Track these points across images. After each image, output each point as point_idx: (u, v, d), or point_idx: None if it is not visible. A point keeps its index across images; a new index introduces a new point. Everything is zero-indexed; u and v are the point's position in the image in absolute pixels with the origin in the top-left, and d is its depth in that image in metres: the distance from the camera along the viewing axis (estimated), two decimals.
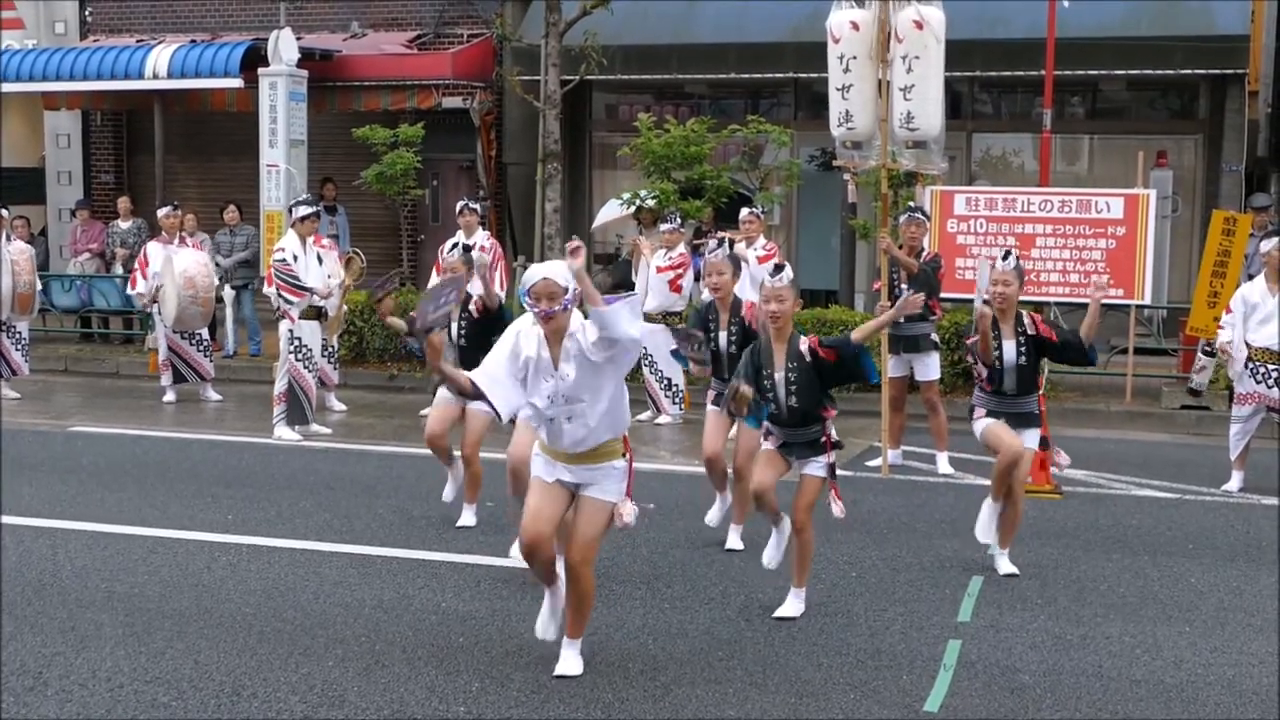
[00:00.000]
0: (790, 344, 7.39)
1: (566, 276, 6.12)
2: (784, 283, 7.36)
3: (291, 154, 18.05)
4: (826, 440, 7.44)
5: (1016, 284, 8.35)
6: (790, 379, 7.37)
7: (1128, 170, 15.67)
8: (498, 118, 19.90)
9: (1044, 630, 7.29)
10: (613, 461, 6.40)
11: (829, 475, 7.44)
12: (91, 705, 6.06)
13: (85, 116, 22.17)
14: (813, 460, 7.45)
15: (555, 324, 6.18)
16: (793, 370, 7.36)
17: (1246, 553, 9.01)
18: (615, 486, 6.42)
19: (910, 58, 10.88)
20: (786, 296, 7.35)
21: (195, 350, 14.89)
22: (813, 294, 18.48)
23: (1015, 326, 8.38)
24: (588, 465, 6.37)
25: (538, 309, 6.13)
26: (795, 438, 7.46)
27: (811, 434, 7.43)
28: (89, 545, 8.74)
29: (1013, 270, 8.36)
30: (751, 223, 13.29)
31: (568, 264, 6.15)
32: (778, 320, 7.38)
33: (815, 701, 6.23)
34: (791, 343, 7.39)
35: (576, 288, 6.12)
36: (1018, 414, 8.39)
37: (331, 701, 6.13)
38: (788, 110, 19.51)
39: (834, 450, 7.47)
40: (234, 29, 20.73)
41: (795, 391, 7.36)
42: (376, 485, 10.68)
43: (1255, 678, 6.65)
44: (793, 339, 7.40)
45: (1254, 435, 11.07)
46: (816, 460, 7.44)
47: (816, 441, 7.44)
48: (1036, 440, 8.47)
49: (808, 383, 7.35)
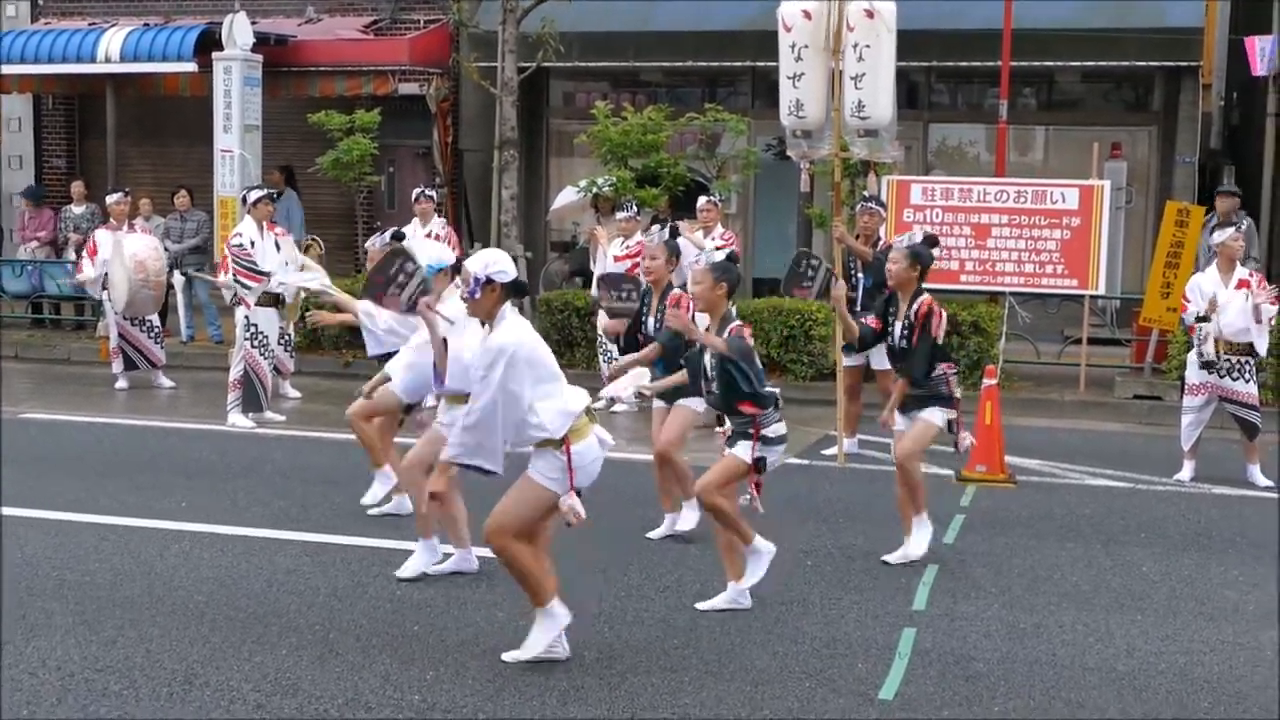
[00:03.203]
0: (720, 330, 7.35)
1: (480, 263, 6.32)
2: (701, 267, 7.51)
3: (246, 139, 17.92)
4: (755, 431, 7.28)
5: (904, 263, 8.40)
6: (710, 363, 7.40)
7: (1082, 161, 15.75)
8: (454, 104, 19.81)
9: (998, 618, 7.33)
10: (547, 449, 6.35)
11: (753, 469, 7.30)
12: (41, 694, 6.00)
13: (36, 100, 21.93)
14: (740, 442, 7.35)
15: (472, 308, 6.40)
16: (714, 356, 7.36)
17: (1198, 542, 9.08)
18: (549, 472, 6.34)
19: (861, 46, 10.93)
20: (701, 279, 7.39)
21: (146, 337, 14.77)
22: (769, 282, 18.52)
23: (907, 308, 8.42)
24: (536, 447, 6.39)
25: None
26: (732, 422, 7.44)
27: (739, 422, 7.35)
28: (39, 533, 8.65)
29: (903, 250, 8.47)
30: (709, 211, 13.30)
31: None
32: (696, 302, 7.53)
33: (771, 689, 6.24)
34: (721, 329, 7.35)
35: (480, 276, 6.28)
36: (911, 395, 8.42)
37: (285, 690, 6.10)
38: (745, 99, 19.51)
39: (762, 444, 7.28)
40: (188, 13, 20.54)
41: (715, 378, 7.37)
42: (331, 473, 10.62)
43: (1206, 666, 6.70)
44: (723, 324, 7.36)
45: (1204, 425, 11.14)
46: (743, 443, 7.33)
47: (745, 431, 7.33)
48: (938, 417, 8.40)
49: (722, 373, 7.32)
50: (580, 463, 6.35)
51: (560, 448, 6.31)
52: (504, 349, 6.21)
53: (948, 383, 8.37)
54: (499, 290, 6.32)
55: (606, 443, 6.56)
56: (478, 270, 6.30)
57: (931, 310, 8.32)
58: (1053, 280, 14.36)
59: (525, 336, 6.34)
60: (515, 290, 6.40)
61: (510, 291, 6.37)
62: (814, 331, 14.46)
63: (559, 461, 6.32)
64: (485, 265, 6.32)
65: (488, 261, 6.34)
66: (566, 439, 6.31)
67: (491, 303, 6.33)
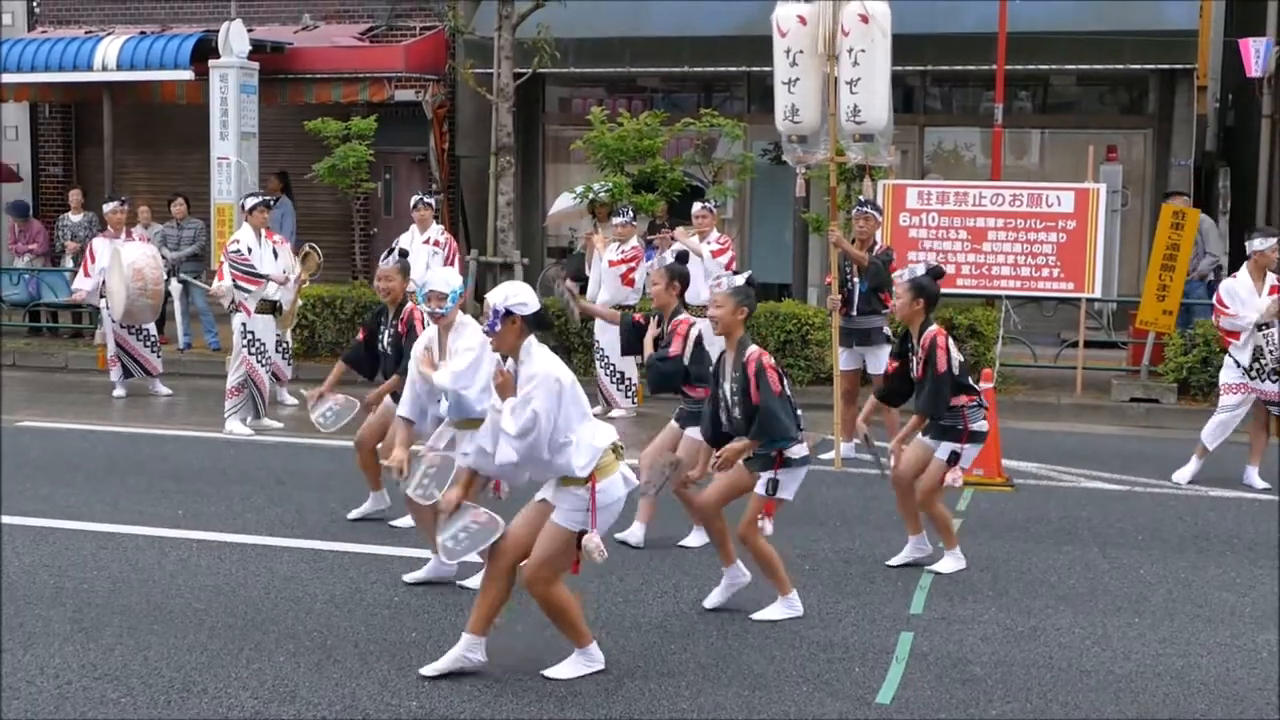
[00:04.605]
0: (737, 355, 7.20)
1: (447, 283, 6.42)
2: (722, 290, 7.27)
3: (242, 147, 17.91)
4: (777, 456, 7.18)
5: (906, 297, 8.19)
6: (733, 390, 7.19)
7: (1078, 164, 15.76)
8: (450, 111, 19.82)
9: (995, 622, 7.34)
10: (570, 488, 6.27)
11: (766, 492, 7.22)
12: (39, 702, 6.01)
13: (33, 109, 21.94)
14: (762, 476, 7.25)
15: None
16: (736, 381, 7.18)
17: (1195, 544, 9.09)
18: (574, 514, 6.24)
19: (856, 51, 10.94)
20: (723, 303, 7.22)
21: (142, 346, 14.76)
22: (766, 287, 18.52)
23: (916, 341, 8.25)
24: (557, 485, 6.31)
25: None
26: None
27: (763, 448, 7.19)
28: (37, 541, 8.66)
29: (904, 284, 8.24)
30: (704, 217, 13.31)
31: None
32: (714, 326, 7.30)
33: (768, 694, 6.24)
34: (739, 354, 7.19)
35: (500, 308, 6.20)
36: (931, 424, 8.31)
37: (283, 697, 6.10)
38: (740, 104, 19.54)
39: (785, 468, 7.18)
40: (184, 21, 20.56)
41: (738, 404, 7.16)
42: (328, 480, 10.62)
43: (1204, 668, 6.71)
44: (740, 350, 7.20)
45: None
46: (764, 476, 7.23)
47: (768, 457, 7.22)
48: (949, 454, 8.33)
49: (746, 399, 7.13)
50: (604, 501, 6.23)
51: (585, 485, 6.21)
52: (547, 377, 6.09)
53: (964, 417, 8.15)
54: (519, 323, 6.21)
55: (630, 481, 6.46)
56: (497, 303, 6.19)
57: (935, 344, 8.11)
58: (1049, 283, 14.37)
59: (558, 366, 6.22)
60: (538, 324, 6.26)
61: (533, 325, 6.24)
62: (811, 336, 14.47)
63: (583, 501, 6.21)
64: (505, 298, 6.21)
65: (508, 294, 6.23)
66: (593, 476, 6.22)
67: (514, 336, 6.22)
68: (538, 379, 6.10)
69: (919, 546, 8.43)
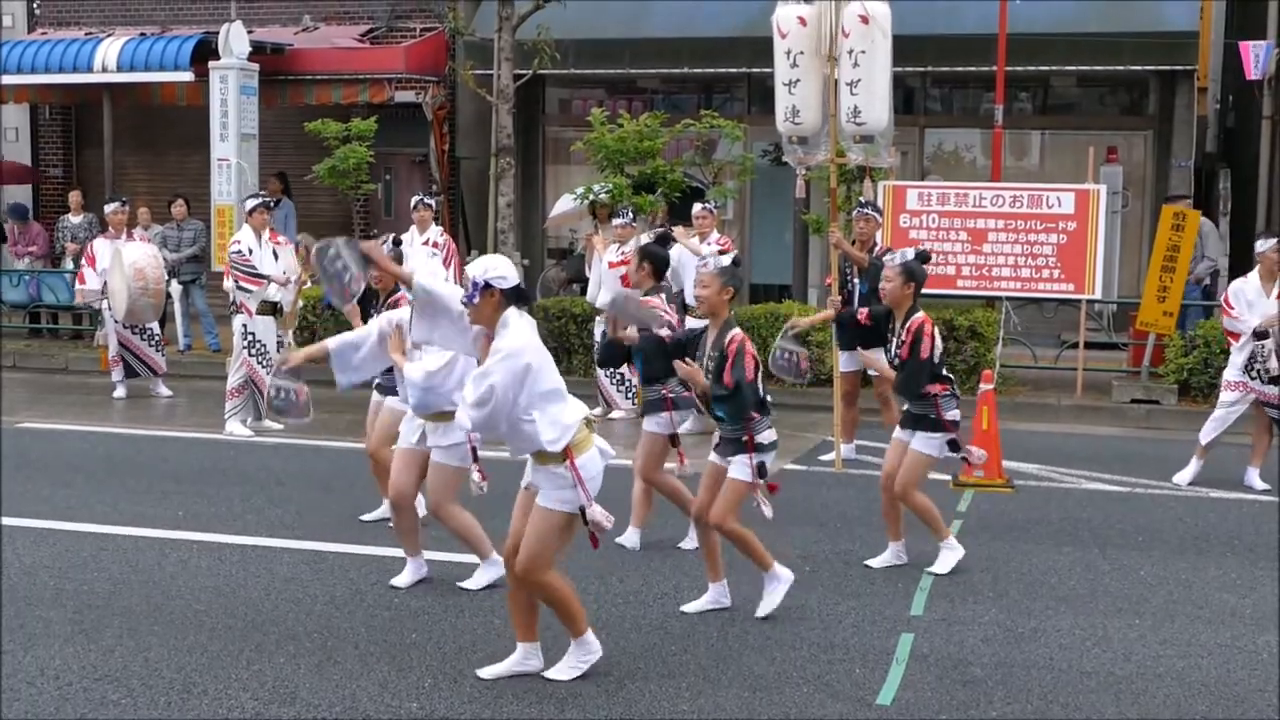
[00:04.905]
0: (720, 334, 7.28)
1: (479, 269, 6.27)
2: (709, 270, 7.41)
3: (242, 148, 17.93)
4: (749, 441, 7.22)
5: (898, 280, 8.21)
6: (708, 369, 7.28)
7: (1078, 165, 15.76)
8: (450, 112, 19.84)
9: (995, 623, 7.34)
10: (549, 466, 6.24)
11: (755, 477, 7.23)
12: (40, 703, 6.01)
13: (33, 110, 21.97)
14: (734, 460, 7.28)
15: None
16: (712, 360, 7.26)
17: (1195, 545, 9.09)
18: (558, 494, 6.23)
19: (857, 52, 10.94)
20: (709, 283, 7.32)
21: (146, 345, 14.78)
22: (766, 288, 18.54)
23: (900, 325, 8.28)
24: (536, 465, 6.32)
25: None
26: (723, 431, 7.38)
27: (733, 430, 7.29)
28: (37, 542, 8.66)
29: (896, 268, 8.28)
30: (704, 218, 13.30)
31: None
32: (701, 305, 7.47)
33: (769, 695, 6.24)
34: (721, 334, 7.27)
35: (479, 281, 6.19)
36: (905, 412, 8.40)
37: (283, 699, 6.10)
38: (741, 105, 19.54)
39: (758, 452, 7.22)
40: (184, 22, 20.58)
41: (710, 382, 7.26)
42: (329, 481, 10.63)
43: (1204, 669, 6.71)
44: (724, 330, 7.27)
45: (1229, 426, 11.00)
46: (738, 460, 7.26)
47: (738, 440, 7.27)
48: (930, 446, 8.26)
49: (719, 380, 7.21)
50: (586, 475, 6.22)
51: (563, 462, 6.20)
52: (512, 355, 6.07)
53: (936, 406, 8.13)
54: (498, 296, 6.19)
55: (607, 454, 6.45)
56: (476, 275, 6.20)
57: (921, 330, 8.11)
58: (1049, 285, 14.37)
59: (529, 345, 6.17)
60: (517, 297, 6.25)
61: (511, 298, 6.22)
62: (811, 337, 14.46)
63: (566, 479, 6.20)
64: (484, 270, 6.21)
65: (487, 267, 6.24)
66: (569, 452, 6.20)
67: (491, 308, 6.20)
68: (503, 354, 6.09)
69: (898, 554, 8.46)
